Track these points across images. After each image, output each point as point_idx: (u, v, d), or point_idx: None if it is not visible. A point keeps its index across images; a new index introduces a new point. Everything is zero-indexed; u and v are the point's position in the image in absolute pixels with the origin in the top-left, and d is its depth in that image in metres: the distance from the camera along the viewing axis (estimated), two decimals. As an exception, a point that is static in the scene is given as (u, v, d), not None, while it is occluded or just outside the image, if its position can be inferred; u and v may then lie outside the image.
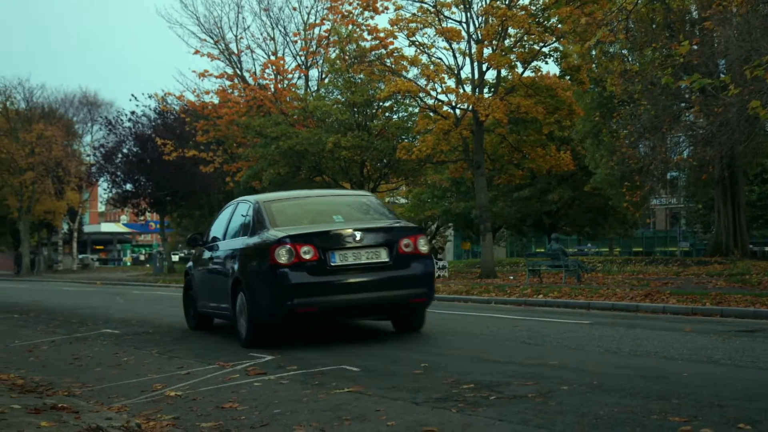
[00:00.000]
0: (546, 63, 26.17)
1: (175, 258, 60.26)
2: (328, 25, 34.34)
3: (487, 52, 24.99)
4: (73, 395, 6.84)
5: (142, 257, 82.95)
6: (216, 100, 36.56)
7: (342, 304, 9.49)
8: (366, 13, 28.68)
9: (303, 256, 9.27)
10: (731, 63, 20.77)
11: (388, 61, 27.04)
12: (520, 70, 25.77)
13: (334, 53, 33.49)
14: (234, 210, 11.50)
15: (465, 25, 25.97)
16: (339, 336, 10.28)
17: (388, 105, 30.48)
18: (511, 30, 25.01)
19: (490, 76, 26.97)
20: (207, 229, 12.56)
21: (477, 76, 26.23)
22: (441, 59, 26.85)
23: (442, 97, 27.19)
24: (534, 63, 25.74)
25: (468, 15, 25.89)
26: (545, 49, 25.39)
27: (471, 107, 25.63)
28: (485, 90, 26.52)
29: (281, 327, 9.87)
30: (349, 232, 9.60)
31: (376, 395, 6.24)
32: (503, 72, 26.35)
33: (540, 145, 28.56)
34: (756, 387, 6.17)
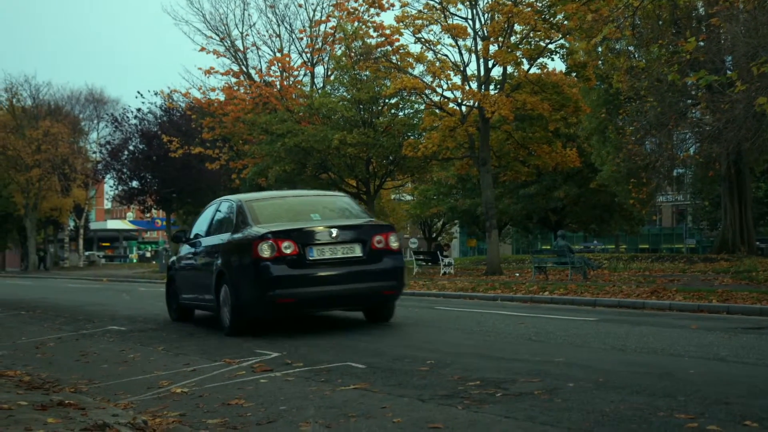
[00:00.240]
0: (552, 60, 26.11)
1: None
2: (333, 22, 34.26)
3: (493, 48, 24.93)
4: (80, 392, 6.85)
5: (148, 254, 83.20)
6: (222, 97, 36.50)
7: (319, 295, 10.25)
8: (372, 10, 28.69)
9: (284, 250, 10.00)
10: (738, 59, 20.71)
11: (393, 58, 27.00)
12: (526, 66, 25.72)
13: (339, 50, 33.46)
14: (216, 209, 12.18)
15: (471, 22, 25.94)
16: (345, 333, 10.30)
17: (393, 102, 30.43)
18: (517, 27, 24.98)
19: (496, 72, 26.97)
20: (190, 227, 13.28)
21: (483, 72, 26.19)
22: (447, 56, 26.84)
23: (448, 94, 27.23)
24: (540, 60, 25.67)
25: (474, 12, 25.85)
26: (551, 46, 25.31)
27: (477, 104, 25.61)
28: (491, 87, 26.48)
29: (262, 316, 10.59)
30: (326, 229, 10.35)
31: (382, 392, 6.24)
32: (509, 69, 26.30)
33: (546, 142, 28.49)
34: (762, 384, 6.17)
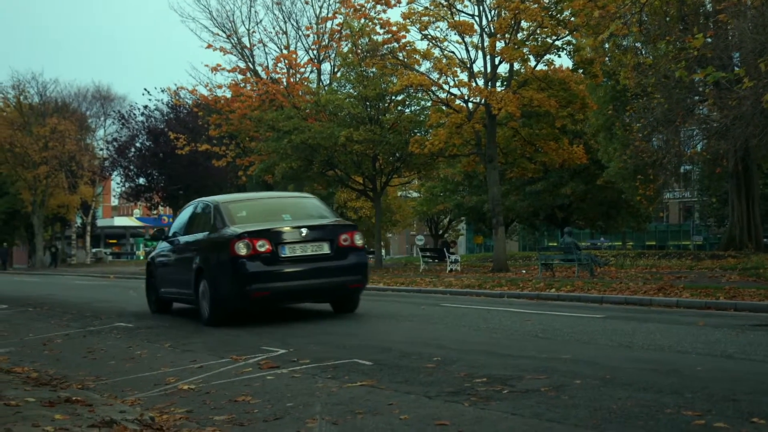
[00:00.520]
0: (559, 56, 25.97)
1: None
2: (340, 19, 34.24)
3: (500, 45, 24.89)
4: (87, 388, 6.87)
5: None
6: (228, 94, 36.55)
7: (291, 288, 11.25)
8: (378, 7, 28.73)
9: (259, 248, 10.93)
10: (745, 56, 20.65)
11: (400, 55, 27.00)
12: (532, 63, 25.66)
13: (346, 47, 33.43)
14: (194, 210, 13.12)
15: (477, 19, 25.92)
16: (351, 330, 10.32)
17: (400, 99, 30.40)
18: (524, 23, 24.95)
19: (502, 69, 26.90)
20: (169, 226, 14.39)
21: (489, 69, 26.15)
22: (453, 53, 26.85)
23: (454, 91, 27.20)
24: (547, 56, 25.61)
25: (480, 8, 25.83)
26: (558, 43, 25.26)
27: (483, 101, 25.57)
28: (498, 83, 26.43)
29: (239, 308, 11.50)
30: (297, 228, 11.29)
31: (388, 389, 6.24)
32: (516, 65, 26.26)
33: (553, 139, 28.44)
34: (770, 381, 6.15)
